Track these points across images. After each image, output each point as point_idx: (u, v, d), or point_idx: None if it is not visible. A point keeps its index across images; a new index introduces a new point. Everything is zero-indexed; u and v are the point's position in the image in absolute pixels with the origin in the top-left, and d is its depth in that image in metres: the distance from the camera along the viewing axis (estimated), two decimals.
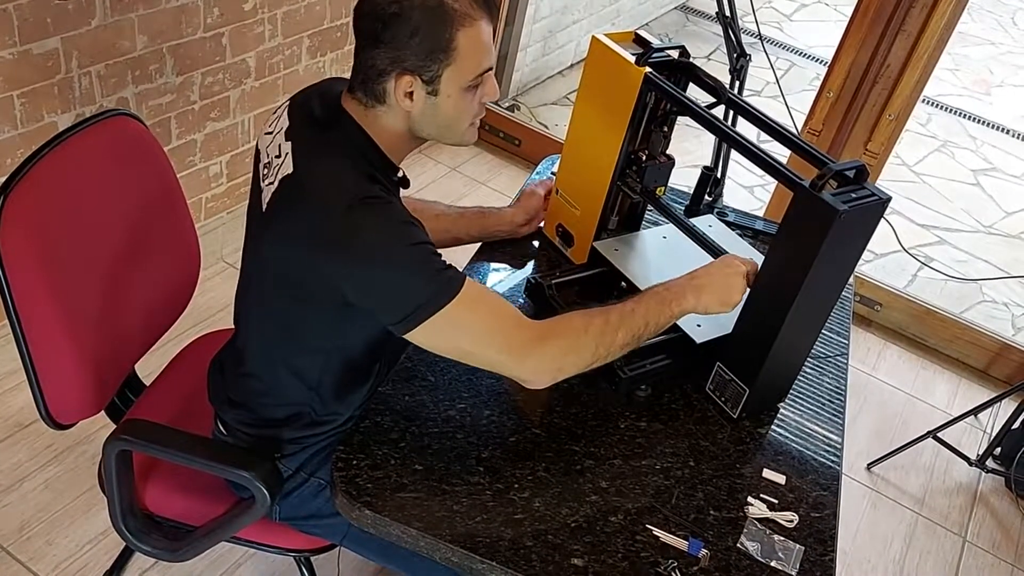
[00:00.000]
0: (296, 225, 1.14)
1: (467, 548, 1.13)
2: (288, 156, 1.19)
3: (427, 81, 1.15)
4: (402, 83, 1.14)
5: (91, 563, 1.81)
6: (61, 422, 1.37)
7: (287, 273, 1.18)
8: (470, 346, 1.18)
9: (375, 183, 1.17)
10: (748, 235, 1.83)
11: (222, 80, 2.47)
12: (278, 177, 1.19)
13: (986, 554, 2.29)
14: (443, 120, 1.20)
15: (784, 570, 1.20)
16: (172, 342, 1.69)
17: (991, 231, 3.83)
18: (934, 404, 2.72)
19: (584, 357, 1.23)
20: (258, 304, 1.29)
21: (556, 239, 1.69)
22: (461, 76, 1.16)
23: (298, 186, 1.16)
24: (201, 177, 2.60)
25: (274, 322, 1.27)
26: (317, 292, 1.17)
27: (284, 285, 1.20)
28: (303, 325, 1.25)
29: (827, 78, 2.70)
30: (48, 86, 2.02)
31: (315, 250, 1.12)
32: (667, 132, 1.51)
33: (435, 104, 1.18)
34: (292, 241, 1.15)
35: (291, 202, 1.16)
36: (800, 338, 1.37)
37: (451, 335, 1.16)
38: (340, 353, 1.29)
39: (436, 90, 1.16)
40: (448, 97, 1.17)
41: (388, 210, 1.14)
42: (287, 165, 1.18)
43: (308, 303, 1.20)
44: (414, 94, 1.16)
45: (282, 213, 1.17)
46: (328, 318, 1.22)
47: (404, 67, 1.13)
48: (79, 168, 1.35)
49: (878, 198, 1.21)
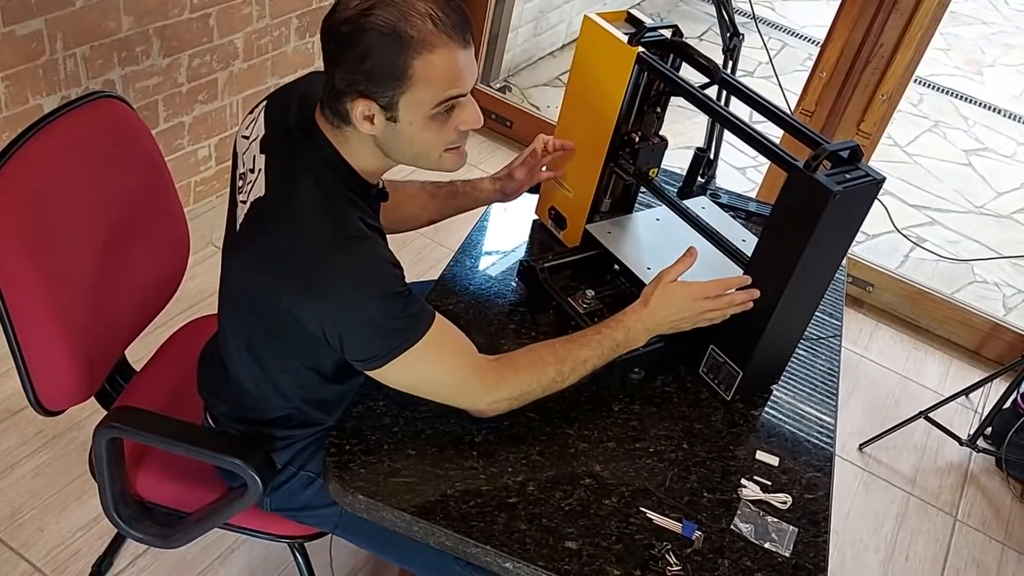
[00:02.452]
0: (264, 261, 1.10)
1: (461, 532, 1.13)
2: (261, 174, 1.15)
3: (384, 107, 1.08)
4: (359, 106, 1.08)
5: (83, 549, 1.80)
6: (50, 408, 1.36)
7: (254, 305, 1.16)
8: (428, 389, 1.20)
9: (353, 207, 1.13)
10: (741, 217, 1.82)
11: (209, 62, 2.44)
12: (251, 197, 1.15)
13: (976, 533, 2.31)
14: (410, 147, 1.14)
15: (778, 551, 1.20)
16: (162, 327, 1.68)
17: (982, 211, 3.83)
18: (926, 384, 2.73)
19: (532, 395, 1.24)
20: (231, 324, 1.27)
21: (548, 222, 1.67)
22: (422, 103, 1.08)
23: (270, 215, 1.11)
24: (189, 161, 2.57)
25: (247, 344, 1.25)
26: (283, 327, 1.14)
27: (252, 314, 1.19)
28: (272, 349, 1.23)
29: (820, 58, 2.69)
30: (33, 68, 1.99)
31: (282, 290, 1.09)
32: (660, 113, 1.50)
33: (397, 130, 1.11)
34: (259, 276, 1.11)
35: (260, 233, 1.11)
36: (794, 320, 1.36)
37: (411, 378, 1.17)
38: (316, 373, 1.26)
39: (396, 116, 1.09)
40: (411, 124, 1.10)
41: (364, 252, 1.10)
42: (259, 184, 1.14)
43: (276, 333, 1.18)
44: (374, 118, 1.09)
45: (251, 243, 1.13)
46: (300, 347, 1.20)
47: (358, 90, 1.07)
48: (65, 151, 1.33)
49: (872, 178, 1.21)
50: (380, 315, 1.10)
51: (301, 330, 1.12)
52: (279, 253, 1.09)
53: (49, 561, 1.77)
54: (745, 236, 1.62)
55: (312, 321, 1.10)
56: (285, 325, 1.13)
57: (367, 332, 1.11)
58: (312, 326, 1.11)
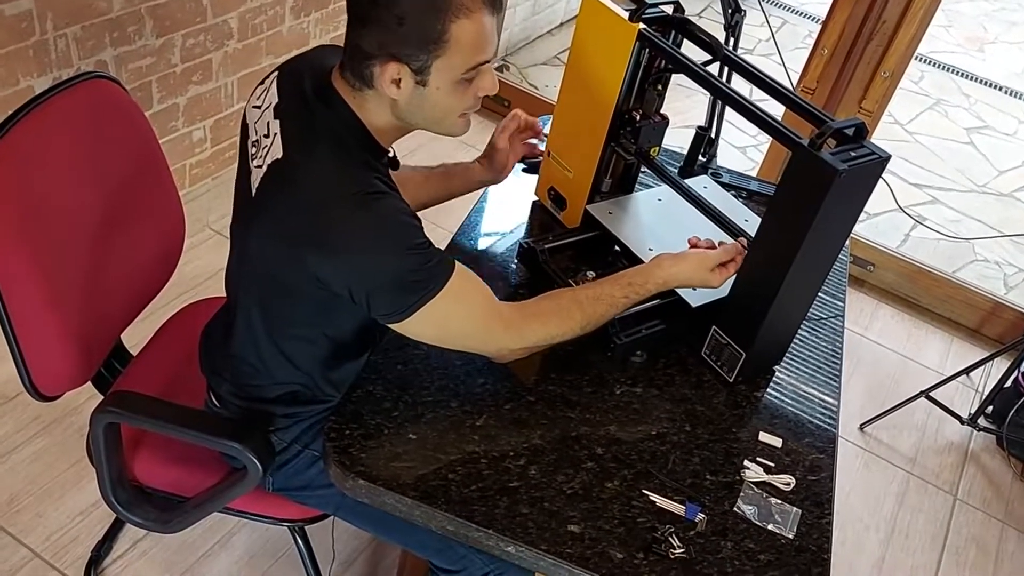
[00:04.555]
0: (285, 222, 1.10)
1: (463, 517, 1.12)
2: (277, 137, 1.14)
3: (416, 71, 1.08)
4: (388, 70, 1.07)
5: (82, 534, 1.79)
6: (46, 394, 1.35)
7: (274, 268, 1.16)
8: (453, 338, 1.22)
9: (370, 169, 1.13)
10: (743, 196, 1.80)
11: (203, 42, 2.41)
12: (267, 160, 1.14)
13: (976, 511, 2.31)
14: (432, 111, 1.14)
15: (781, 533, 1.19)
16: (158, 311, 1.66)
17: (984, 190, 3.82)
18: (926, 364, 2.72)
19: (554, 342, 1.27)
20: (244, 290, 1.26)
21: (548, 202, 1.65)
22: (453, 69, 1.09)
23: (289, 175, 1.11)
24: (184, 143, 2.54)
25: (261, 310, 1.24)
26: (305, 287, 1.14)
27: (270, 278, 1.18)
28: (290, 314, 1.22)
29: (821, 35, 2.66)
30: (23, 49, 1.96)
31: (305, 249, 1.09)
32: (661, 90, 1.48)
33: (424, 94, 1.11)
34: (280, 238, 1.12)
35: (280, 193, 1.11)
36: (797, 301, 1.35)
37: (436, 326, 1.17)
38: (329, 339, 1.26)
39: (425, 80, 1.09)
40: (438, 89, 1.10)
41: (384, 208, 1.10)
42: (276, 148, 1.13)
43: (295, 296, 1.18)
44: (401, 82, 1.09)
45: (271, 204, 1.13)
46: (316, 309, 1.20)
47: (391, 53, 1.06)
48: (57, 133, 1.31)
49: (877, 156, 1.19)
50: (404, 269, 1.10)
51: (323, 292, 1.12)
52: (300, 215, 1.09)
53: (49, 547, 1.76)
54: (748, 216, 1.60)
55: (337, 280, 1.10)
56: (308, 288, 1.13)
57: (392, 287, 1.11)
58: (337, 286, 1.11)
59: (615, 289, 1.29)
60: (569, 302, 1.26)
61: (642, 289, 1.30)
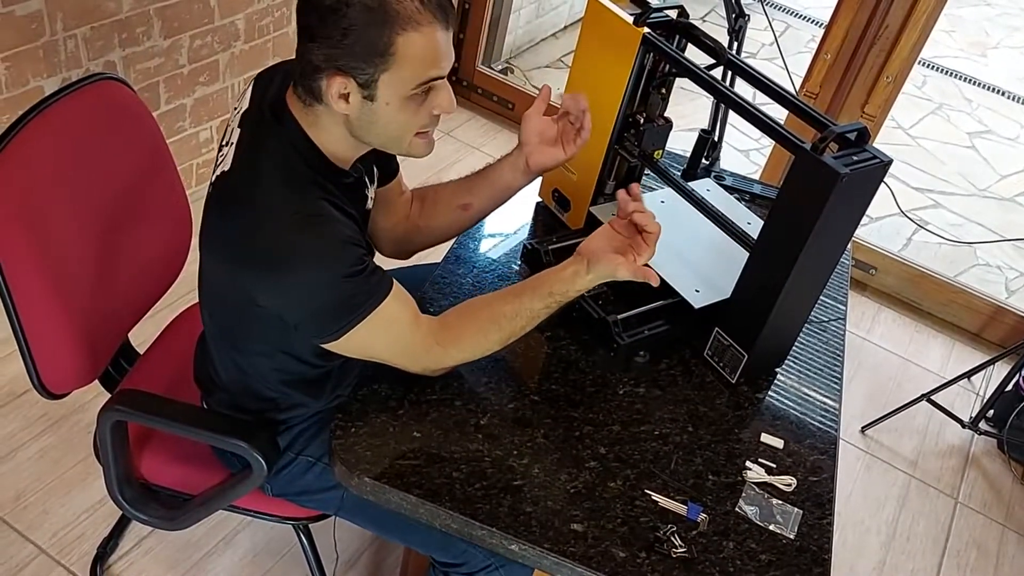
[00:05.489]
0: (223, 240, 1.12)
1: (467, 515, 1.13)
2: (232, 148, 1.14)
3: (362, 84, 1.06)
4: (335, 83, 1.05)
5: (88, 531, 1.80)
6: (54, 392, 1.36)
7: (217, 287, 1.18)
8: (378, 357, 1.22)
9: (319, 189, 1.12)
10: (746, 199, 1.81)
11: (211, 43, 2.42)
12: (218, 171, 1.15)
13: (977, 515, 2.32)
14: (385, 129, 1.11)
15: (782, 533, 1.20)
16: (165, 309, 1.68)
17: (985, 194, 3.82)
18: (928, 367, 2.73)
19: (477, 353, 1.26)
20: (203, 303, 1.28)
21: (552, 203, 1.67)
22: (402, 83, 1.06)
23: (230, 192, 1.12)
24: (191, 143, 2.56)
25: (217, 326, 1.26)
26: (247, 307, 1.14)
27: (217, 295, 1.21)
28: (245, 331, 1.23)
29: (824, 39, 2.67)
30: (33, 49, 1.98)
31: (241, 271, 1.11)
32: (665, 94, 1.49)
33: (373, 110, 1.08)
34: (221, 258, 1.14)
35: (223, 215, 1.12)
36: (799, 303, 1.36)
37: (359, 350, 1.19)
38: (286, 354, 1.25)
39: (373, 95, 1.07)
40: (387, 104, 1.08)
41: (321, 232, 1.08)
42: (228, 159, 1.14)
43: (242, 314, 1.19)
44: (350, 96, 1.07)
45: (211, 221, 1.13)
46: (264, 326, 1.20)
47: (337, 66, 1.04)
48: (66, 134, 1.32)
49: (879, 161, 1.20)
50: (334, 296, 1.10)
51: (265, 312, 1.13)
52: (238, 236, 1.09)
53: (55, 543, 1.78)
54: (750, 219, 1.61)
55: (270, 302, 1.12)
56: (249, 308, 1.14)
57: (321, 312, 1.12)
58: (271, 307, 1.12)
59: (535, 302, 1.22)
60: (487, 322, 1.23)
61: (564, 298, 1.23)
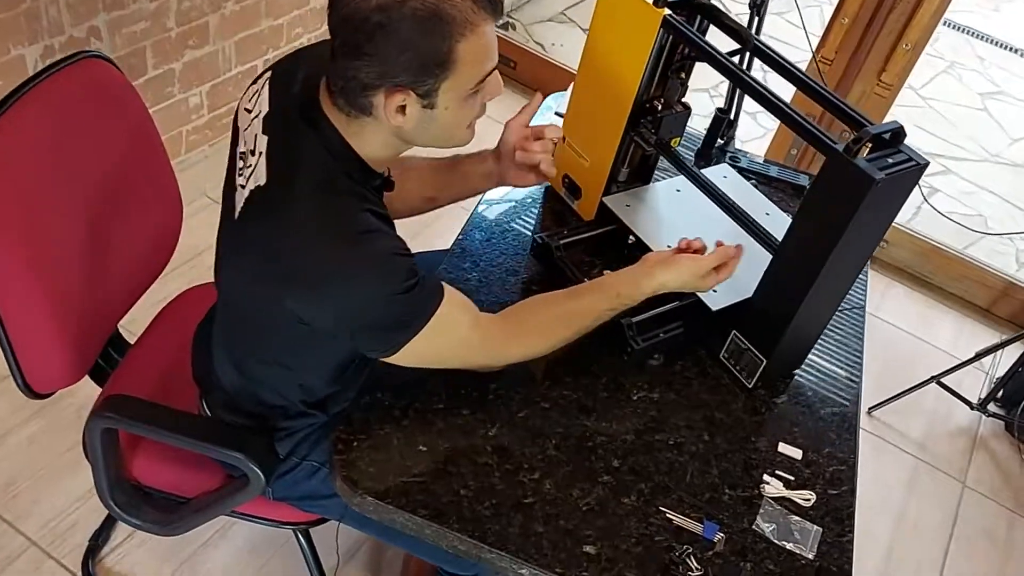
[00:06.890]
0: (267, 263, 1.03)
1: (476, 537, 1.08)
2: (262, 158, 1.06)
3: (422, 95, 1.00)
4: (394, 99, 0.99)
5: (80, 521, 1.76)
6: (40, 391, 1.30)
7: (249, 304, 1.12)
8: (440, 362, 1.18)
9: (359, 200, 1.05)
10: (763, 182, 1.74)
11: (200, 4, 2.30)
12: (250, 183, 1.06)
13: (985, 499, 2.29)
14: (440, 131, 1.07)
15: (801, 553, 1.16)
16: (155, 287, 1.60)
17: (997, 160, 3.74)
18: (938, 345, 2.68)
19: (538, 355, 1.23)
20: (222, 313, 1.23)
21: (562, 191, 1.59)
22: (462, 86, 1.02)
23: (271, 211, 1.03)
24: (180, 109, 2.45)
25: (235, 337, 1.21)
26: (282, 325, 1.09)
27: (244, 310, 1.15)
28: (266, 345, 1.18)
29: (842, 1, 2.56)
30: (13, 16, 1.87)
31: (286, 292, 1.03)
32: (684, 79, 1.40)
33: (432, 116, 1.04)
34: (256, 279, 1.06)
35: (262, 231, 1.03)
36: (822, 307, 1.30)
37: (419, 357, 1.12)
38: (306, 368, 1.21)
39: (433, 103, 1.02)
40: (447, 109, 1.03)
41: (373, 248, 1.03)
42: (260, 171, 1.05)
43: (271, 331, 1.14)
44: (407, 108, 1.01)
45: (250, 241, 1.06)
46: (293, 343, 1.15)
47: (395, 82, 0.98)
48: (49, 117, 1.24)
49: (915, 163, 1.12)
50: (392, 312, 1.05)
51: (304, 328, 1.07)
52: (282, 255, 1.02)
53: (45, 534, 1.73)
54: (769, 208, 1.54)
55: (321, 321, 1.06)
56: (284, 325, 1.09)
57: (379, 327, 1.07)
58: (324, 326, 1.07)
59: (602, 302, 1.22)
60: (553, 320, 1.20)
61: (630, 300, 1.23)
